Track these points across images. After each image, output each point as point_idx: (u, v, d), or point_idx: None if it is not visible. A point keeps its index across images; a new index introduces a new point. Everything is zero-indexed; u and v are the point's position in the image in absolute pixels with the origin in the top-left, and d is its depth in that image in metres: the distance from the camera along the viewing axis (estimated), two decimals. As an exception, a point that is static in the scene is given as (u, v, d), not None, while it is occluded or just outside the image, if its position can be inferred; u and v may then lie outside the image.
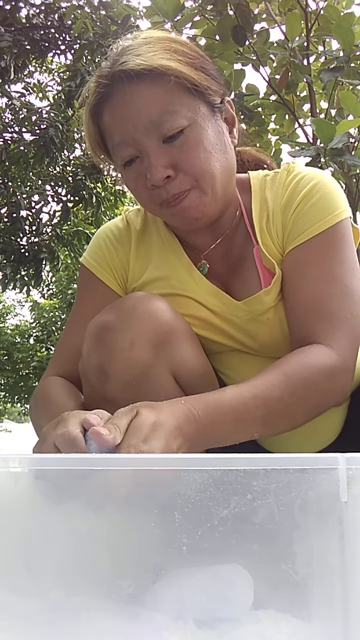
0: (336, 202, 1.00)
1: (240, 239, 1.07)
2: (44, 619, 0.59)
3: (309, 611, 0.58)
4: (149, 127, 0.94)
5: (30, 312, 14.86)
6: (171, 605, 0.59)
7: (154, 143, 0.94)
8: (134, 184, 0.99)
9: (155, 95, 0.94)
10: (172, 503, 0.57)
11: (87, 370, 0.94)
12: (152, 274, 1.10)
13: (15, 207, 5.86)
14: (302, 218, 1.00)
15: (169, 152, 0.95)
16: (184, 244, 1.11)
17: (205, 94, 0.98)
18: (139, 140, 0.95)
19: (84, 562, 0.61)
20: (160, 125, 0.93)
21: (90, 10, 4.93)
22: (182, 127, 0.94)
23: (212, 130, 0.98)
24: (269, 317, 1.03)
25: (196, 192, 0.97)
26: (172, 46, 0.98)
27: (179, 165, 0.95)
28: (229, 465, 0.57)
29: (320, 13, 3.54)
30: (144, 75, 0.93)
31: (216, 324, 1.06)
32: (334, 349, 0.90)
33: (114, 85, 0.96)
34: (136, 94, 0.94)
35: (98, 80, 0.98)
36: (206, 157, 0.96)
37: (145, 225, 1.15)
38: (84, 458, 0.61)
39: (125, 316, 0.91)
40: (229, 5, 3.38)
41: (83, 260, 1.15)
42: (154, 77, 0.94)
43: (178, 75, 0.94)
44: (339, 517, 0.57)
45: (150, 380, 0.91)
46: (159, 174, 0.94)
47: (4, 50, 4.89)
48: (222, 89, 1.03)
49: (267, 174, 1.10)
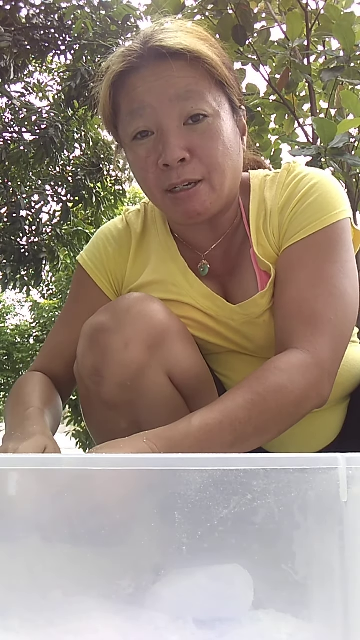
0: (335, 202, 0.98)
1: (238, 240, 1.07)
2: (44, 619, 0.59)
3: (309, 611, 0.58)
4: (173, 101, 0.92)
5: (30, 312, 14.85)
6: (171, 605, 0.59)
7: (174, 122, 0.92)
8: (143, 162, 0.96)
9: (187, 74, 0.93)
10: (172, 503, 0.57)
11: (82, 372, 0.94)
12: (149, 277, 1.09)
13: (15, 207, 5.86)
14: (298, 218, 0.98)
15: (188, 135, 0.93)
16: (183, 245, 1.10)
17: (231, 92, 0.98)
18: (160, 114, 0.92)
19: (84, 562, 0.61)
20: (185, 100, 0.92)
21: (90, 11, 4.93)
22: (206, 112, 0.93)
23: (231, 128, 0.97)
24: (265, 320, 1.02)
25: (206, 186, 0.95)
26: (208, 38, 0.98)
27: (197, 151, 0.93)
28: (229, 465, 0.57)
29: (320, 13, 3.53)
30: (179, 55, 0.92)
31: (212, 327, 1.06)
32: (310, 354, 0.87)
33: (145, 58, 0.94)
34: (169, 69, 0.92)
35: (128, 51, 0.95)
36: (223, 151, 0.94)
37: (145, 227, 1.14)
38: (84, 458, 0.61)
39: (120, 317, 0.91)
40: (230, 4, 3.38)
41: (80, 258, 1.15)
42: (189, 59, 0.92)
43: (212, 64, 0.93)
44: (339, 517, 0.57)
45: (145, 381, 0.91)
46: (176, 154, 0.91)
47: (4, 50, 4.88)
48: (241, 95, 1.03)
49: (267, 174, 1.09)
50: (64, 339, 1.09)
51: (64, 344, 1.08)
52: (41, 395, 1.00)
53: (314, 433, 1.11)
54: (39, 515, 0.63)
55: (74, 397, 1.09)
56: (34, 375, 1.07)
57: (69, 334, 1.08)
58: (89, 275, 1.12)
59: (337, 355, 0.91)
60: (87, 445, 8.03)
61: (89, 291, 1.12)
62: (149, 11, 3.75)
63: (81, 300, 1.13)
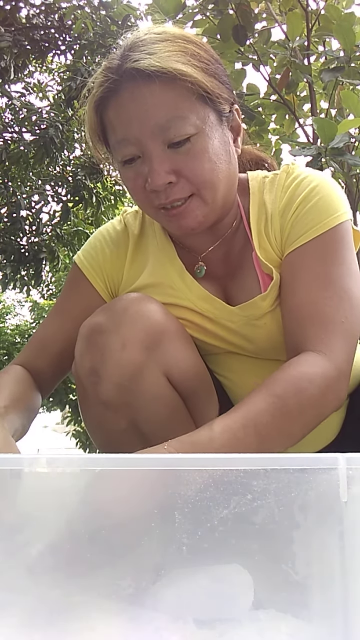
0: (336, 204, 0.98)
1: (239, 243, 1.06)
2: (44, 619, 0.59)
3: (309, 611, 0.58)
4: (155, 131, 0.91)
5: (30, 312, 14.84)
6: (171, 606, 0.59)
7: (158, 147, 0.92)
8: (132, 183, 0.97)
9: (166, 98, 0.91)
10: (172, 503, 0.57)
11: (79, 372, 0.94)
12: (146, 279, 1.09)
13: (15, 207, 5.86)
14: (300, 221, 0.98)
15: (173, 158, 0.92)
16: (181, 246, 1.10)
17: (215, 102, 0.95)
18: (143, 142, 0.92)
19: (84, 562, 0.61)
20: (167, 130, 0.91)
21: (90, 11, 4.93)
22: (190, 134, 0.91)
23: (218, 140, 0.95)
24: (265, 322, 1.02)
25: (197, 200, 0.95)
26: (188, 48, 0.94)
27: (182, 172, 0.93)
28: (229, 465, 0.57)
29: (321, 13, 3.54)
30: (156, 76, 0.90)
31: (210, 329, 1.06)
32: (326, 356, 0.88)
33: (122, 81, 0.92)
34: (146, 94, 0.91)
35: (106, 74, 0.95)
36: (210, 167, 0.94)
37: (143, 229, 1.14)
38: (84, 458, 0.61)
39: (117, 318, 0.91)
40: (230, 4, 3.38)
41: (76, 258, 1.15)
42: (167, 80, 0.90)
43: (192, 81, 0.91)
44: (339, 517, 0.57)
45: (142, 381, 0.91)
46: (161, 180, 0.92)
47: (4, 50, 4.88)
48: (232, 97, 1.00)
49: (265, 176, 1.08)
50: (51, 334, 1.09)
51: (51, 339, 1.09)
52: (9, 394, 0.98)
53: (313, 433, 1.10)
54: (39, 515, 0.63)
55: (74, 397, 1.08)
56: (9, 370, 1.05)
57: (57, 329, 1.09)
58: (84, 275, 1.12)
59: (350, 357, 0.92)
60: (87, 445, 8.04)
61: (82, 290, 1.12)
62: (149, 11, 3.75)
63: (74, 298, 1.13)
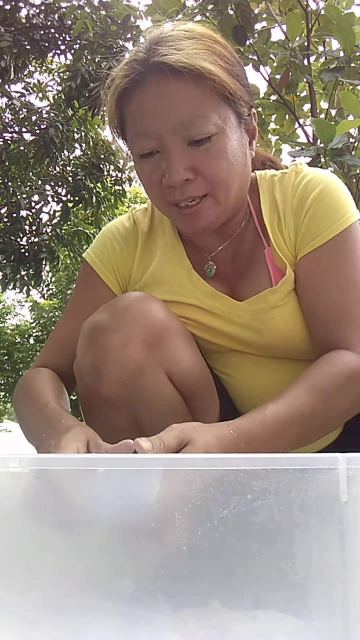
0: (346, 205, 1.01)
1: (249, 241, 1.07)
2: (44, 618, 0.59)
3: (309, 611, 0.58)
4: (177, 127, 0.91)
5: (30, 312, 14.86)
6: (171, 605, 0.59)
7: (178, 143, 0.92)
8: (149, 177, 0.97)
9: (191, 96, 0.91)
10: (172, 503, 0.57)
11: (81, 370, 0.94)
12: (153, 276, 1.09)
13: (15, 207, 5.87)
14: (314, 222, 1.00)
15: (192, 155, 0.93)
16: (190, 245, 1.10)
17: (237, 104, 0.96)
18: (164, 137, 0.92)
19: (84, 562, 0.61)
20: (189, 127, 0.91)
21: (90, 10, 4.93)
22: (211, 133, 0.92)
23: (236, 141, 0.96)
24: (273, 317, 1.02)
25: (211, 200, 0.96)
26: (214, 48, 0.94)
27: (200, 170, 0.93)
28: (229, 465, 0.57)
29: (320, 13, 3.54)
30: (182, 72, 0.90)
31: (216, 327, 1.06)
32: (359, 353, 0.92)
33: (148, 74, 0.92)
34: (171, 90, 0.91)
35: (132, 65, 0.94)
36: (227, 168, 0.94)
37: (152, 227, 1.14)
38: (84, 458, 0.61)
39: (119, 316, 0.92)
40: (230, 4, 3.38)
41: (86, 255, 1.15)
42: (193, 78, 0.90)
43: (217, 81, 0.91)
44: (339, 517, 0.57)
45: (144, 379, 0.92)
46: (179, 176, 0.92)
47: (4, 50, 4.89)
48: (251, 100, 1.01)
49: (274, 175, 1.09)
50: (69, 335, 1.08)
51: (69, 339, 1.07)
52: (54, 391, 0.99)
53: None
54: (39, 515, 0.63)
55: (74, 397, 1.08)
56: (41, 372, 1.06)
57: (72, 329, 1.08)
58: (95, 272, 1.12)
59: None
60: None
61: (95, 287, 1.12)
62: (149, 11, 3.75)
63: (87, 296, 1.12)
